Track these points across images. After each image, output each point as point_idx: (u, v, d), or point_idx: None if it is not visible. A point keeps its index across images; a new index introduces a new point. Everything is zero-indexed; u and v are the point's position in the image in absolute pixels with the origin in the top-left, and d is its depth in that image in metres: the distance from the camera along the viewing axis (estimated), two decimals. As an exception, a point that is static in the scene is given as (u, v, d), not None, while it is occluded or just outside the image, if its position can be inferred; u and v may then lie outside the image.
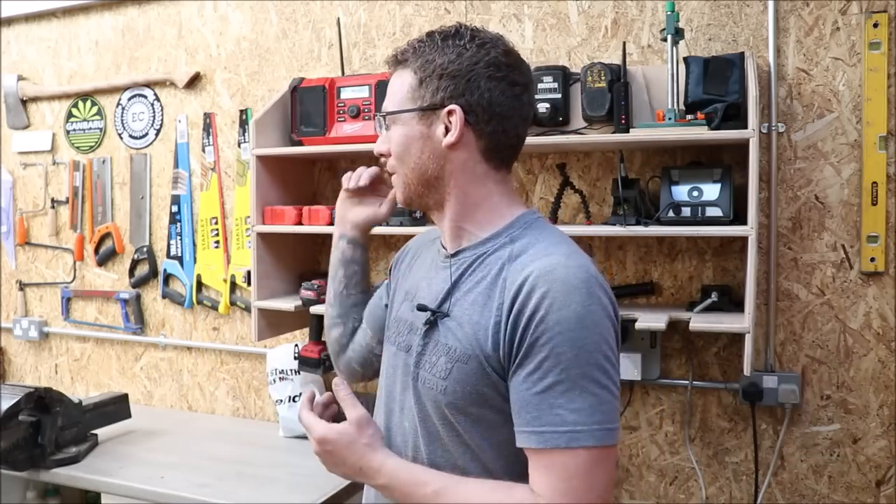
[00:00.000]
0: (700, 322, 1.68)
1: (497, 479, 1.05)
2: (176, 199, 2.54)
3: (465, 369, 1.03)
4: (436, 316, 1.08)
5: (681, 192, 1.73)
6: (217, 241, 2.47)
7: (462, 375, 1.04)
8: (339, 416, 1.17)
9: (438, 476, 1.05)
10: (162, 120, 2.56)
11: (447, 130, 1.07)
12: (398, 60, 1.13)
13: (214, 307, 2.48)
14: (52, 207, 2.76)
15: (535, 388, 0.97)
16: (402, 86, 1.11)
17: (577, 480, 0.96)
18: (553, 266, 1.00)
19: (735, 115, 1.65)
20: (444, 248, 1.17)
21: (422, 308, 1.09)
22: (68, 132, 2.74)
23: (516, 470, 1.03)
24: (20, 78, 2.80)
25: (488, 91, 1.06)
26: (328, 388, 2.29)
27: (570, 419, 0.96)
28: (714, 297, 1.77)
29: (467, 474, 1.05)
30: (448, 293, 1.09)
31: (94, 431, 2.12)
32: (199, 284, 2.50)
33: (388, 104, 1.13)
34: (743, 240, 1.64)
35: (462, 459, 1.07)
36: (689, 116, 1.68)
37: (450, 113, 1.07)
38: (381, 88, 1.97)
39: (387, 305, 1.28)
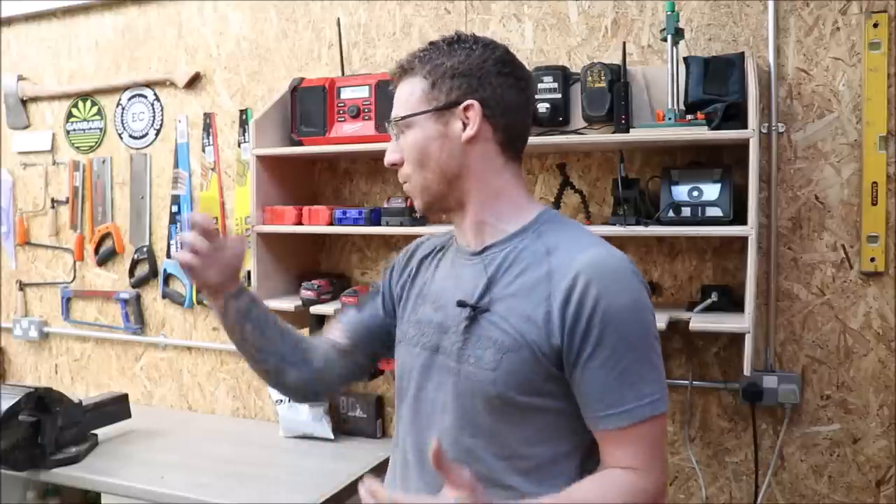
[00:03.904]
0: (700, 322, 1.68)
1: (540, 465, 1.09)
2: (176, 199, 2.54)
3: (515, 359, 1.07)
4: (476, 312, 1.11)
5: (681, 192, 1.73)
6: (217, 241, 2.47)
7: (512, 366, 1.07)
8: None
9: (547, 499, 1.04)
10: (162, 120, 2.56)
11: (464, 126, 1.11)
12: (404, 70, 1.15)
13: (214, 307, 2.47)
14: (52, 207, 2.76)
15: (613, 373, 1.05)
16: (412, 92, 1.13)
17: (658, 445, 1.08)
18: (601, 259, 1.08)
19: (735, 115, 1.65)
20: (464, 246, 1.19)
21: (462, 304, 1.12)
22: (68, 132, 2.74)
23: (558, 456, 1.10)
24: (20, 78, 2.80)
25: (500, 86, 1.12)
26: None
27: (647, 391, 1.06)
28: (714, 297, 1.77)
29: (512, 463, 1.08)
30: (486, 288, 1.12)
31: (94, 431, 2.12)
32: (199, 284, 2.50)
33: (400, 110, 1.14)
34: (743, 240, 1.64)
35: (507, 450, 1.09)
36: (689, 116, 1.68)
37: (467, 108, 1.11)
38: (381, 88, 1.97)
39: (389, 315, 1.30)
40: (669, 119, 1.69)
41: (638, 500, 1.05)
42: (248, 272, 2.13)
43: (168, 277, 2.57)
